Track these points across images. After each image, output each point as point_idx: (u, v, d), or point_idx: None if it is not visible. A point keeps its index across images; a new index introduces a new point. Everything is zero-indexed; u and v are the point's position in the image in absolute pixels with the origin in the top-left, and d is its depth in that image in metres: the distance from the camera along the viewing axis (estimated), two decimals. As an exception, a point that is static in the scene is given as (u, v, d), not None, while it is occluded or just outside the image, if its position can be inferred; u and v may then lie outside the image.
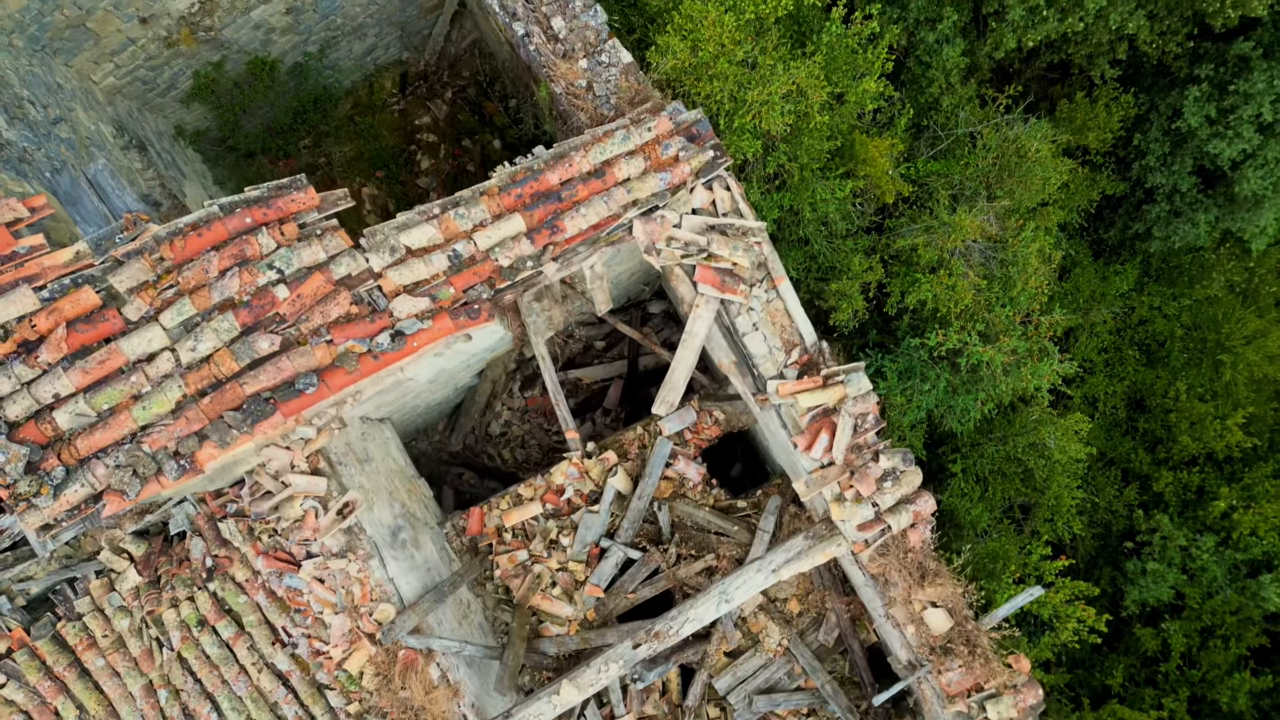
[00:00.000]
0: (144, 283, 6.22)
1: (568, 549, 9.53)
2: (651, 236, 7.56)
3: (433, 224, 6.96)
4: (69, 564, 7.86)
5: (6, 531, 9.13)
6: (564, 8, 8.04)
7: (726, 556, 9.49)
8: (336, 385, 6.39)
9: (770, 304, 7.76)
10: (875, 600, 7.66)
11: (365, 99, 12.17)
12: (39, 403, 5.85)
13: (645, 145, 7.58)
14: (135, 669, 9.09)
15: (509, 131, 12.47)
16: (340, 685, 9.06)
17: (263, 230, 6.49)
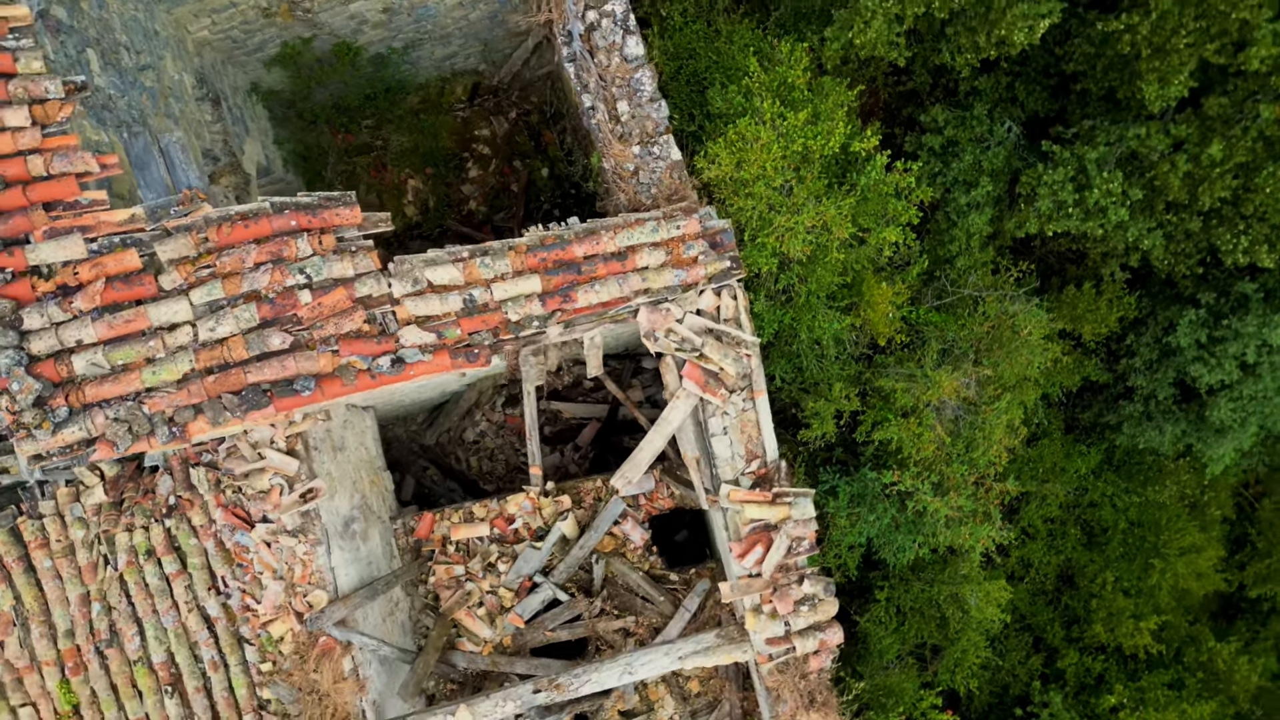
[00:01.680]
0: (185, 257, 6.75)
1: (502, 575, 10.04)
2: (654, 324, 8.09)
3: (458, 266, 7.49)
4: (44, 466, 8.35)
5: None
6: (632, 94, 8.59)
7: (646, 624, 9.99)
8: (331, 393, 6.92)
9: (744, 413, 8.29)
10: (765, 710, 8.17)
11: (434, 98, 12.71)
12: (62, 345, 6.38)
13: (670, 240, 8.12)
14: (78, 578, 9.60)
15: (560, 164, 13.02)
16: (260, 644, 9.57)
17: (304, 236, 7.03)
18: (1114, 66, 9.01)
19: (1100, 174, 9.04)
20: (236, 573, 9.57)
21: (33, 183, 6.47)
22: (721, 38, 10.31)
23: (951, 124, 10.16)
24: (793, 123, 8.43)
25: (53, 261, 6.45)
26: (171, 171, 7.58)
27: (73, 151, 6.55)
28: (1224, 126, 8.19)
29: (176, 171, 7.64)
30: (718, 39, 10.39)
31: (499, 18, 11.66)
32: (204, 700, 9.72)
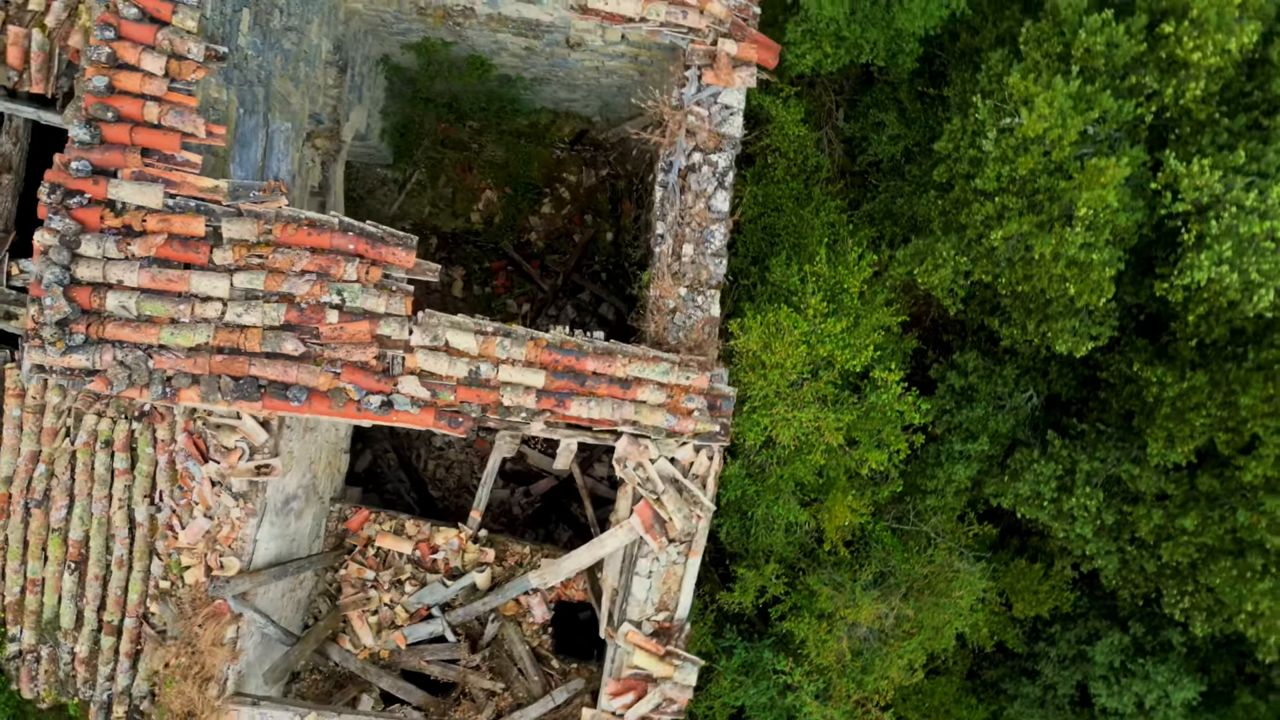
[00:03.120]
0: (244, 241, 7.21)
1: (406, 595, 10.48)
2: (628, 454, 8.51)
3: (477, 339, 7.93)
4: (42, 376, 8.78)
5: (25, 273, 10.14)
6: (700, 241, 9.02)
7: (512, 696, 10.41)
8: (317, 409, 7.36)
9: (674, 566, 8.69)
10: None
11: (539, 128, 13.17)
12: (104, 279, 6.84)
13: (675, 387, 8.53)
14: (36, 436, 10.08)
15: (625, 236, 13.46)
16: (168, 563, 10.03)
17: (355, 261, 7.48)
18: (1137, 397, 9.39)
19: (1084, 487, 9.41)
20: (175, 494, 10.03)
21: (141, 126, 6.95)
22: (809, 206, 10.73)
23: (979, 373, 10.54)
24: (828, 329, 8.83)
25: (129, 202, 6.92)
26: (268, 156, 8.05)
27: (188, 112, 7.02)
28: (1206, 505, 8.56)
29: (272, 158, 8.11)
30: (805, 205, 10.81)
31: (626, 90, 12.11)
32: (98, 589, 10.17)
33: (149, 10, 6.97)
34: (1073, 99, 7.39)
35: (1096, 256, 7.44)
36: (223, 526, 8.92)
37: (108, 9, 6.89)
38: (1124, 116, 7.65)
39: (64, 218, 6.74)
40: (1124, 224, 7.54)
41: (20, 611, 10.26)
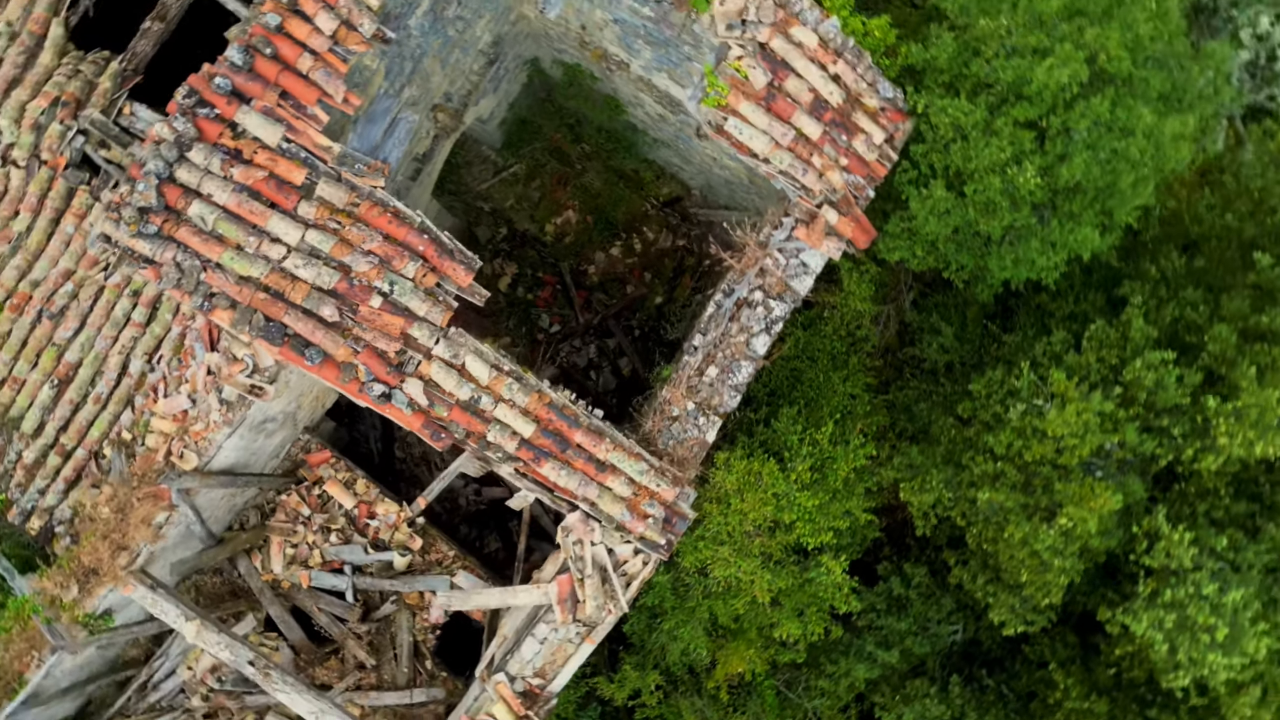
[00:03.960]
0: (329, 204, 7.66)
1: (328, 544, 10.91)
2: (574, 527, 8.90)
3: (491, 372, 8.34)
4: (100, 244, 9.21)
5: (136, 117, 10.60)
6: (727, 370, 9.41)
7: (378, 675, 10.82)
8: (325, 375, 7.80)
9: (567, 643, 9.07)
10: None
11: (641, 179, 13.60)
12: (196, 187, 7.30)
13: (642, 488, 8.92)
14: (77, 258, 10.55)
15: (672, 307, 13.87)
16: (137, 419, 10.52)
17: (418, 262, 7.91)
18: (1044, 686, 9.70)
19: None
20: (173, 364, 10.51)
21: (290, 71, 7.41)
22: (841, 371, 11.09)
23: (920, 590, 10.86)
24: (801, 500, 9.20)
25: (249, 130, 7.38)
26: (387, 137, 8.51)
27: (336, 76, 7.48)
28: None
29: (390, 141, 8.56)
30: (838, 368, 11.17)
31: (733, 186, 12.51)
32: (68, 411, 10.67)
33: (344, -25, 7.43)
34: (1101, 417, 7.73)
35: (1058, 563, 7.78)
36: (198, 421, 9.38)
37: (311, -43, 7.37)
38: (1142, 450, 7.99)
39: (188, 121, 7.21)
40: (1096, 546, 7.88)
41: (-9, 398, 10.76)
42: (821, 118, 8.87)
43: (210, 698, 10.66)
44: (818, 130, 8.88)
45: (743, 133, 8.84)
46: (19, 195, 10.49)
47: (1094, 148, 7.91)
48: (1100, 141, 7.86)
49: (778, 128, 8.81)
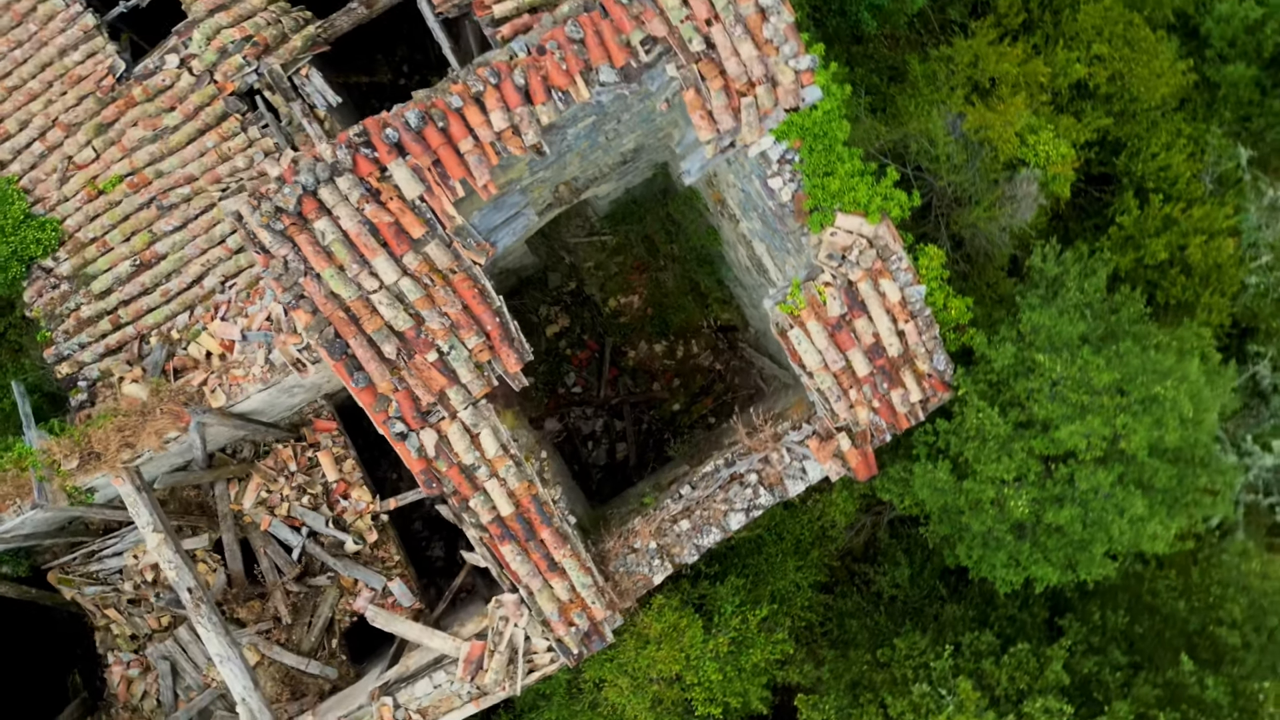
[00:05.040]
0: (431, 263, 8.52)
1: (298, 502, 11.74)
2: (505, 606, 9.68)
3: (498, 450, 9.16)
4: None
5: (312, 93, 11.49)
6: (698, 529, 10.15)
7: (287, 633, 11.64)
8: (362, 398, 8.66)
9: (457, 696, 9.85)
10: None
11: (709, 297, 14.40)
12: (331, 209, 8.20)
13: (580, 600, 9.69)
14: (213, 162, 11.48)
15: (685, 420, 14.63)
16: (189, 325, 11.39)
17: (482, 337, 8.76)
18: None
19: None
20: (242, 294, 11.36)
21: (448, 145, 8.28)
22: (797, 559, 11.82)
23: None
24: (707, 670, 9.94)
25: (394, 178, 8.27)
26: (504, 226, 9.37)
27: (485, 166, 8.35)
28: None
29: (503, 230, 9.42)
30: (798, 555, 11.90)
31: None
32: (135, 290, 11.56)
33: (530, 90, 8.31)
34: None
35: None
36: (240, 366, 10.26)
37: (535, 69, 8.25)
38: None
39: (350, 153, 8.10)
40: None
41: (78, 250, 11.70)
42: (874, 361, 9.64)
43: (140, 588, 11.53)
44: (866, 369, 9.65)
45: (801, 344, 9.62)
46: (181, 96, 11.45)
47: (1085, 507, 8.63)
48: (1092, 505, 8.58)
49: (833, 354, 9.58)
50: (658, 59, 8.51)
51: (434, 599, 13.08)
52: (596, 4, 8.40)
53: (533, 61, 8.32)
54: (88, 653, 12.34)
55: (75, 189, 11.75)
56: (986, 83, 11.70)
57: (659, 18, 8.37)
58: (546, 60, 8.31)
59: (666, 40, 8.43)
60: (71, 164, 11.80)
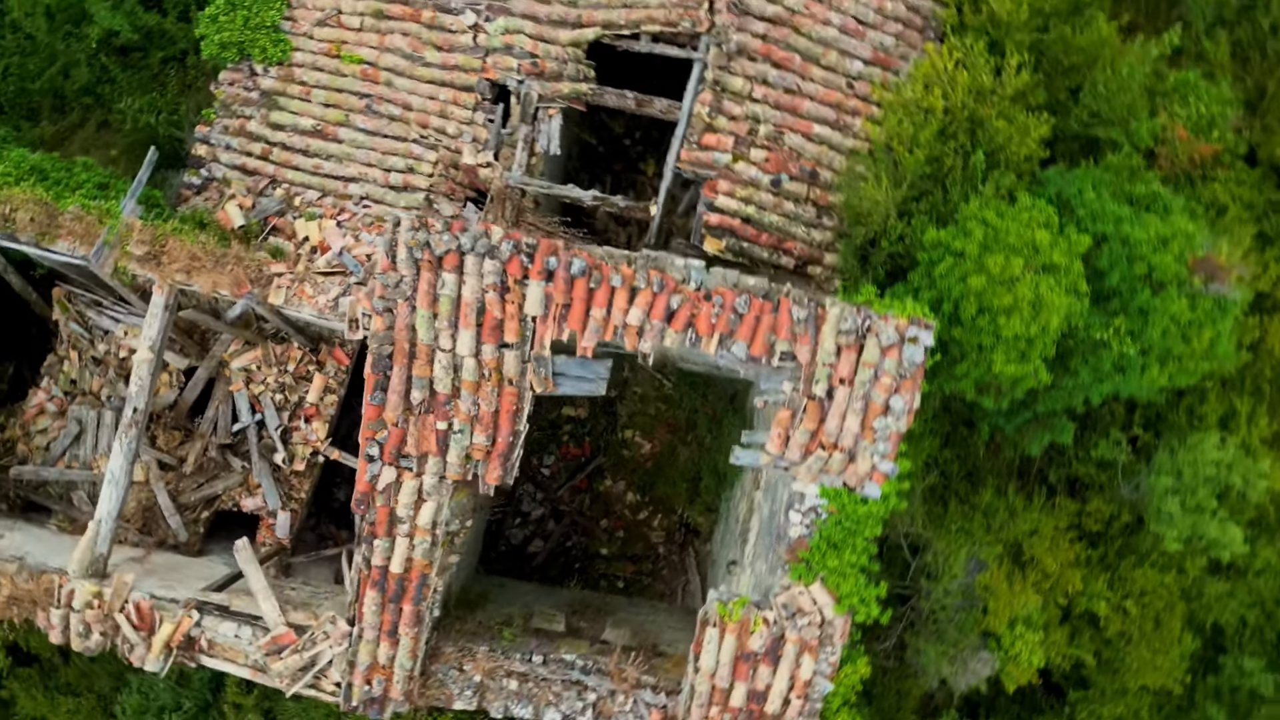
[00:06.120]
0: (501, 363, 9.13)
1: (269, 391, 12.40)
2: (334, 629, 10.23)
3: (422, 541, 9.71)
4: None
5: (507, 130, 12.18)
6: (512, 699, 10.57)
7: (174, 479, 12.29)
8: (369, 410, 9.26)
9: (251, 659, 10.41)
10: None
11: (698, 492, 14.90)
12: (464, 272, 8.85)
13: (376, 667, 10.21)
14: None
15: (597, 564, 15.12)
16: (310, 204, 12.11)
17: (488, 440, 9.34)
18: None
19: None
20: (365, 213, 12.10)
21: (583, 305, 8.88)
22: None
23: None
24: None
25: (526, 288, 8.90)
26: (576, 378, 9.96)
27: (598, 336, 8.94)
28: None
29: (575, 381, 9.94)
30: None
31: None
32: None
33: (675, 315, 8.90)
34: None
35: None
36: (311, 284, 10.94)
37: (691, 305, 8.84)
38: None
39: (511, 250, 8.76)
40: None
41: (286, 80, 12.46)
42: (751, 705, 10.00)
43: (108, 356, 12.27)
44: (740, 704, 10.03)
45: (709, 645, 9.94)
46: (451, 45, 12.16)
47: None
48: None
49: (725, 672, 9.88)
50: (783, 370, 9.06)
51: (308, 538, 13.69)
52: (776, 297, 8.99)
53: (694, 298, 8.92)
54: (31, 363, 13.11)
55: (323, 37, 12.56)
56: (1029, 556, 12.11)
57: (810, 347, 8.93)
58: (704, 305, 8.90)
59: (801, 365, 8.98)
60: (338, 17, 12.60)
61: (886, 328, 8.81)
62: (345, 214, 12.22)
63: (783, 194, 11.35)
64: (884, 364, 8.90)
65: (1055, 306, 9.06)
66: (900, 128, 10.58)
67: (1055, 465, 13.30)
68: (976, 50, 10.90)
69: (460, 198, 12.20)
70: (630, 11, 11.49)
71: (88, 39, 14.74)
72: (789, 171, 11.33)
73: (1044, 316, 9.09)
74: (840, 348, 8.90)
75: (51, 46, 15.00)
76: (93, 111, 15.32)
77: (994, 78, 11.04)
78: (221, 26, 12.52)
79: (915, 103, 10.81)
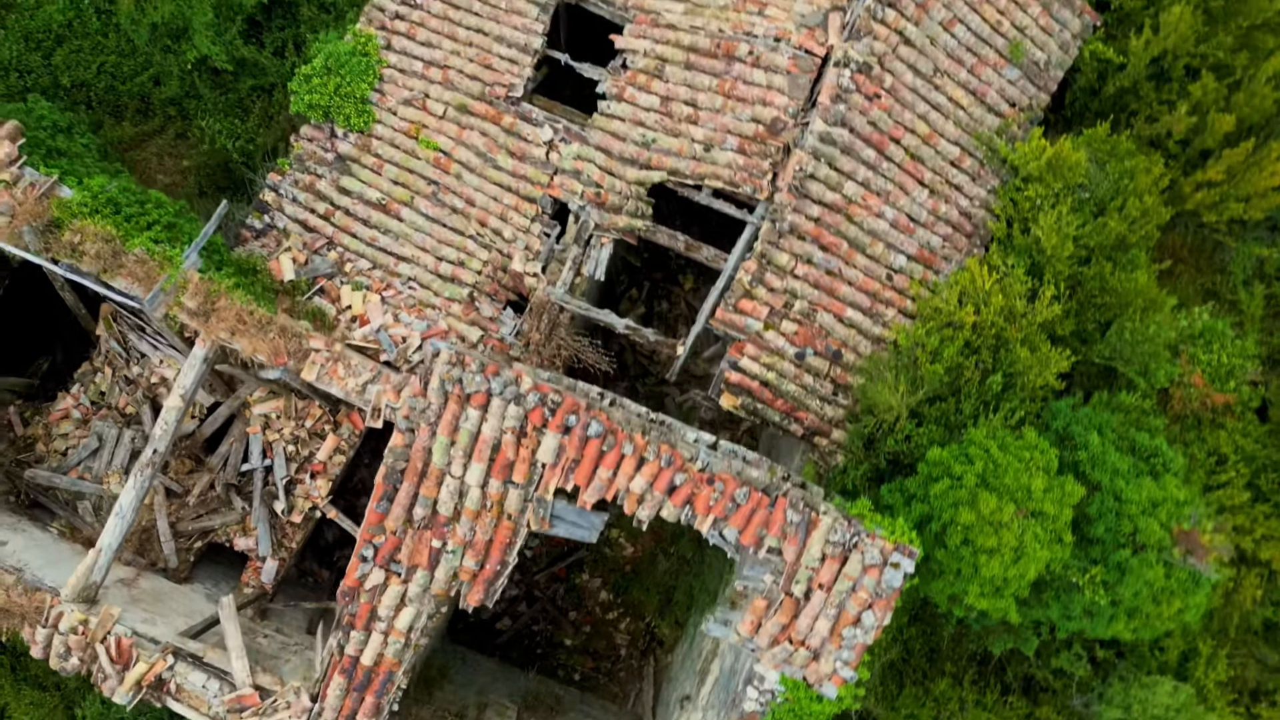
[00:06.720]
0: (503, 498, 9.56)
1: (282, 440, 12.89)
2: (296, 701, 10.65)
3: (398, 641, 10.14)
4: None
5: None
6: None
7: (176, 508, 12.77)
8: (370, 519, 9.71)
9: (212, 710, 10.84)
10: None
11: (667, 609, 15.27)
12: (486, 410, 9.31)
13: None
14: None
15: (558, 654, 15.49)
16: (360, 285, 12.63)
17: (478, 566, 9.76)
18: None
19: None
20: (410, 297, 12.61)
21: (592, 462, 9.33)
22: None
23: None
24: None
25: (541, 451, 9.34)
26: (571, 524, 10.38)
27: (601, 493, 9.37)
28: None
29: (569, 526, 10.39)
30: None
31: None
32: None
33: (677, 488, 9.32)
34: None
35: None
36: (344, 364, 11.41)
37: (693, 484, 9.27)
38: None
39: (537, 401, 9.20)
40: None
41: (362, 149, 13.02)
42: None
43: (139, 379, 12.79)
44: None
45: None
46: (524, 155, 12.70)
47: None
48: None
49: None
50: (767, 562, 9.46)
51: (290, 572, 14.12)
52: (775, 494, 9.40)
53: (697, 479, 9.34)
54: (66, 363, 13.66)
55: (406, 117, 13.11)
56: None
57: (797, 548, 9.32)
58: (705, 488, 9.32)
59: (784, 563, 9.37)
60: (425, 101, 13.13)
61: (872, 548, 9.21)
62: (391, 290, 12.73)
63: (804, 367, 11.78)
64: (863, 579, 9.29)
65: (1036, 558, 9.43)
66: (928, 339, 11.00)
67: (1014, 663, 13.62)
68: (1016, 274, 11.33)
69: (502, 300, 12.71)
70: (698, 165, 11.97)
71: (184, 56, 15.38)
72: (815, 347, 11.77)
73: (1023, 564, 9.46)
74: (825, 556, 9.30)
75: (149, 55, 15.64)
76: (174, 122, 15.95)
77: (1027, 302, 11.48)
78: (314, 88, 13.09)
79: (947, 314, 11.23)
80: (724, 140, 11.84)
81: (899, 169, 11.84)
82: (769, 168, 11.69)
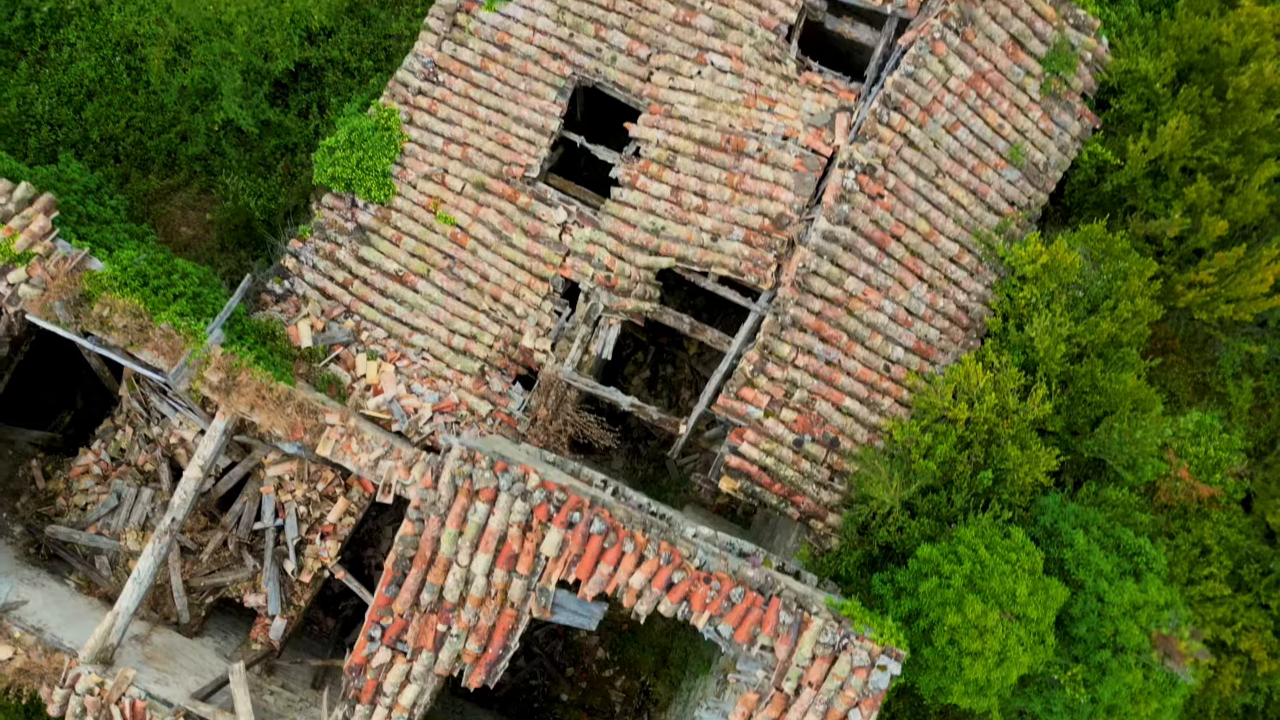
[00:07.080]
0: (507, 586, 9.95)
1: (295, 501, 13.31)
2: (306, 764, 11.05)
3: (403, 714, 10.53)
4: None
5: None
6: None
7: (190, 564, 13.19)
8: (378, 601, 10.11)
9: (215, 767, 11.25)
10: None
11: (659, 668, 15.64)
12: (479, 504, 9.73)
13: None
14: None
15: (553, 708, 15.86)
16: (372, 363, 13.07)
17: (479, 648, 10.15)
18: None
19: None
20: (428, 368, 13.04)
21: (593, 557, 9.71)
22: None
23: None
24: None
25: (546, 536, 9.75)
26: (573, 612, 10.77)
27: (601, 586, 9.75)
28: None
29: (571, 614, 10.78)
30: None
31: None
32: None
33: (675, 585, 9.70)
34: None
35: None
36: (358, 441, 11.82)
37: (691, 582, 9.65)
38: None
39: (543, 498, 9.61)
40: None
41: (381, 221, 13.46)
42: None
43: (159, 439, 13.22)
44: None
45: None
46: (548, 220, 13.14)
47: None
48: None
49: None
50: (759, 658, 9.84)
51: (299, 633, 14.51)
52: (770, 594, 9.78)
53: (695, 577, 9.73)
54: (87, 411, 14.10)
55: (425, 191, 13.55)
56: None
57: (789, 647, 9.70)
58: (702, 586, 9.70)
59: (776, 660, 9.75)
60: (444, 176, 13.56)
61: (860, 650, 9.58)
62: (405, 360, 13.16)
63: (803, 453, 12.17)
64: (851, 679, 9.65)
65: (1019, 662, 9.79)
66: (922, 436, 11.38)
67: (999, 740, 13.97)
68: (1010, 372, 11.71)
69: (512, 374, 13.13)
70: (705, 253, 12.39)
71: (212, 117, 15.86)
72: (813, 434, 12.16)
73: (1006, 667, 9.83)
74: (816, 655, 9.67)
75: (177, 113, 16.12)
76: (199, 177, 16.41)
77: (1019, 399, 11.86)
78: (336, 160, 13.54)
79: (941, 409, 11.61)
80: (731, 231, 12.26)
81: (899, 265, 12.25)
82: (773, 259, 12.11)
